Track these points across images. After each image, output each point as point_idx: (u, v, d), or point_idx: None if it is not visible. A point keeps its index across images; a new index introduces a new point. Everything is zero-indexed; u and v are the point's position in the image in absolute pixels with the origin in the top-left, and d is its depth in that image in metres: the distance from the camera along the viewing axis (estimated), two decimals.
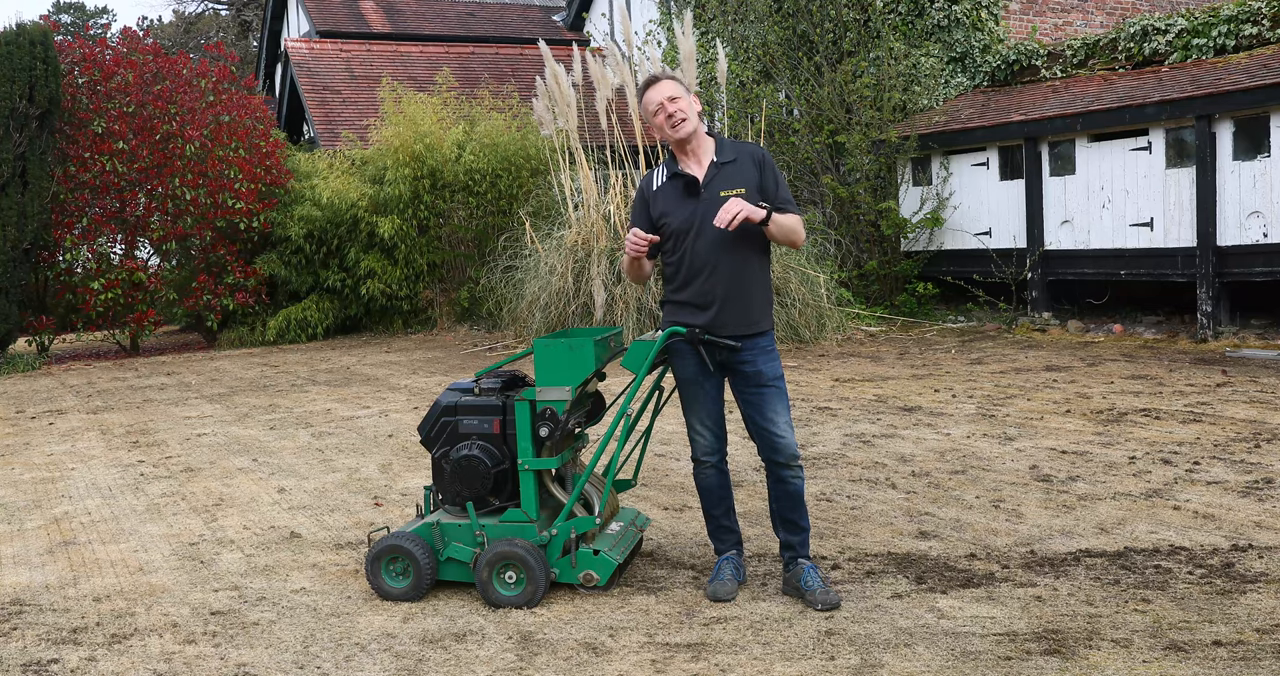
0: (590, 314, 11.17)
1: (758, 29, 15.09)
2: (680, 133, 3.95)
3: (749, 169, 3.98)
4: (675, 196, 4.00)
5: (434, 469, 4.21)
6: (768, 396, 3.95)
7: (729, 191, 3.92)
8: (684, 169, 4.01)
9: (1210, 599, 3.72)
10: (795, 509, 4.01)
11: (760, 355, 3.96)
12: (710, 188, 3.95)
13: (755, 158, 4.02)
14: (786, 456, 3.96)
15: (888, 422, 7.08)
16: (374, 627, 3.83)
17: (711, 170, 3.98)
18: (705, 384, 4.02)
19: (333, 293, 15.31)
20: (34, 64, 13.00)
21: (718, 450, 4.09)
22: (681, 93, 3.97)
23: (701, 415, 4.05)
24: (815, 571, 3.94)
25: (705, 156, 4.01)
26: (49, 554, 4.97)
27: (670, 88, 3.97)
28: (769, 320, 4.04)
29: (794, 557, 4.01)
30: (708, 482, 4.11)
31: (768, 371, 3.95)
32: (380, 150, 14.82)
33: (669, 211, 3.99)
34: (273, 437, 7.71)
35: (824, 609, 3.81)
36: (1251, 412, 6.82)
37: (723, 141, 4.07)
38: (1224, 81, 10.25)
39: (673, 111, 3.93)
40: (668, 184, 4.05)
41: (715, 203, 3.90)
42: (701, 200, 3.94)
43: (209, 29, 37.64)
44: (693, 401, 4.06)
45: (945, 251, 13.01)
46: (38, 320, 14.08)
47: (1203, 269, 10.21)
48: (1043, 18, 14.98)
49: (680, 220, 3.96)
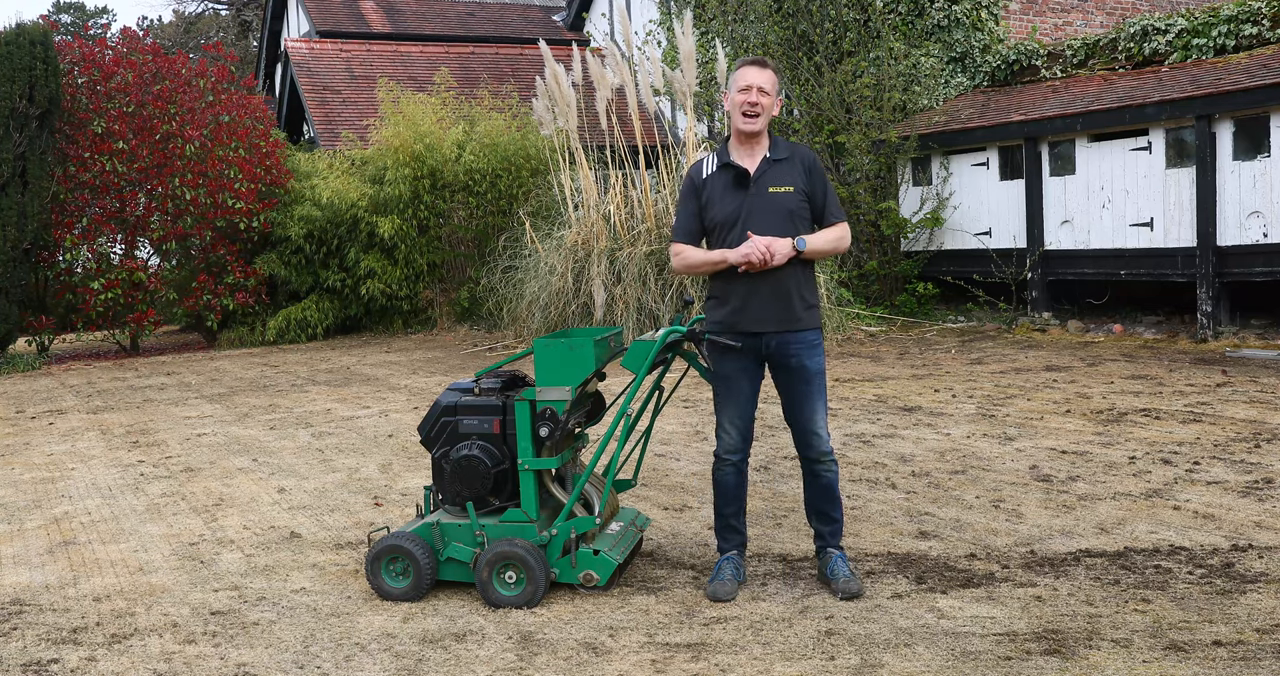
0: (590, 314, 11.18)
1: (758, 29, 15.08)
2: (749, 126, 3.98)
3: (799, 170, 4.01)
4: (724, 187, 4.01)
5: (434, 469, 4.21)
6: (808, 392, 3.99)
7: (778, 187, 3.95)
8: (736, 160, 4.02)
9: (1210, 599, 3.72)
10: (828, 500, 4.09)
11: (805, 349, 3.98)
12: (760, 182, 3.97)
13: (806, 161, 4.05)
14: (818, 452, 4.03)
15: (888, 422, 7.09)
16: (374, 627, 3.83)
17: (763, 165, 3.99)
18: (742, 382, 4.03)
19: (333, 293, 15.31)
20: (34, 64, 13.00)
21: (740, 450, 4.09)
22: (774, 90, 4.01)
23: (732, 413, 4.06)
24: (844, 560, 4.02)
25: (760, 152, 4.03)
26: (49, 554, 4.97)
27: (768, 79, 4.00)
28: (815, 317, 4.04)
29: (824, 546, 4.11)
30: (725, 480, 4.12)
31: (811, 366, 3.99)
32: (380, 150, 14.82)
33: (716, 201, 4.00)
34: (273, 437, 7.71)
35: (843, 597, 3.86)
36: (1251, 412, 6.82)
37: (777, 140, 4.09)
38: (1224, 81, 10.25)
39: (756, 100, 3.96)
40: (717, 173, 4.05)
41: (763, 197, 3.94)
42: (750, 194, 3.96)
43: (209, 29, 37.64)
44: (726, 397, 4.06)
45: (945, 251, 13.01)
46: (38, 320, 14.08)
47: (1203, 269, 10.21)
48: (1043, 18, 14.99)
49: (726, 212, 3.97)
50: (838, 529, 4.11)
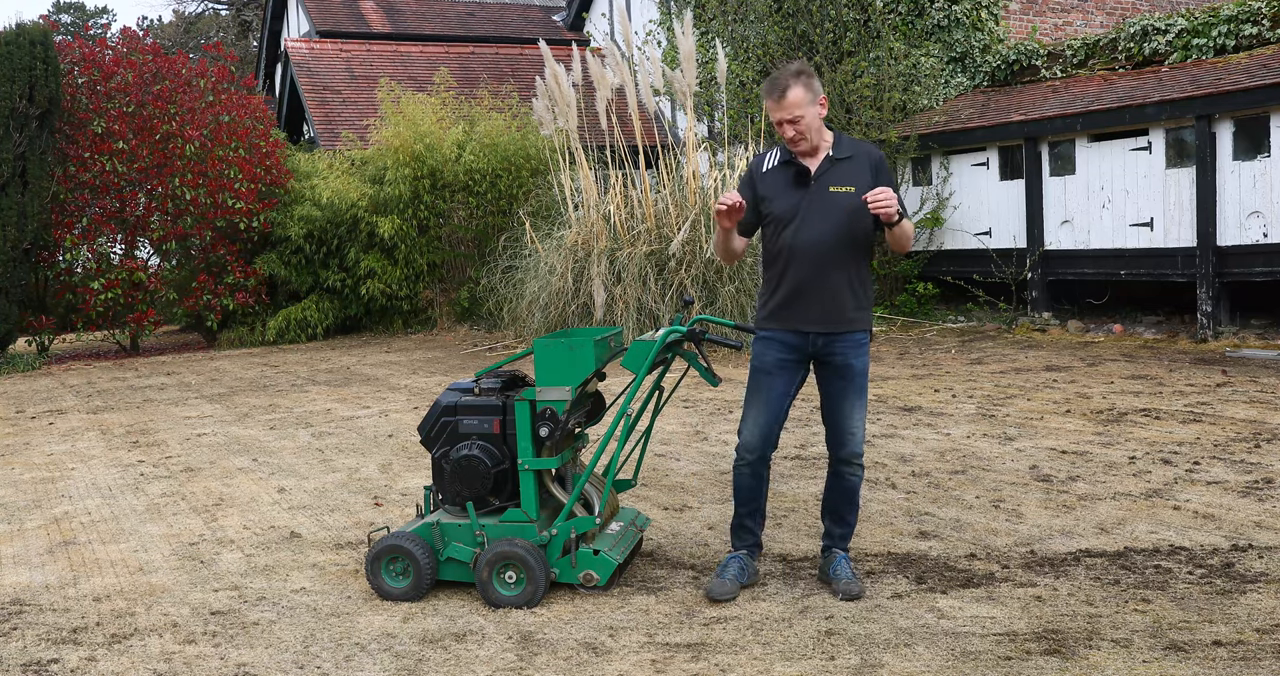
0: (590, 314, 11.17)
1: (758, 29, 15.08)
2: (800, 148, 3.94)
3: (864, 169, 3.96)
4: (784, 183, 3.98)
5: (434, 469, 4.21)
6: (849, 391, 3.96)
7: (839, 187, 3.91)
8: (799, 158, 3.99)
9: (1210, 599, 3.72)
10: (847, 503, 4.09)
11: (851, 348, 3.94)
12: (821, 181, 3.93)
13: (872, 159, 4.00)
14: (849, 453, 4.00)
15: (888, 422, 7.08)
16: (374, 627, 3.82)
17: (825, 164, 3.96)
18: (777, 379, 3.97)
19: (333, 293, 15.31)
20: (34, 64, 13.00)
21: (758, 449, 4.01)
22: (804, 105, 3.87)
23: (759, 409, 3.99)
24: (848, 562, 4.01)
25: (822, 150, 3.99)
26: (49, 554, 4.97)
27: (794, 105, 3.87)
28: (865, 319, 3.99)
29: (829, 547, 4.11)
30: (740, 481, 4.10)
31: (857, 366, 3.95)
32: (380, 150, 14.82)
33: (774, 197, 3.97)
34: (273, 437, 7.71)
35: (844, 598, 3.86)
36: (1251, 412, 6.82)
37: (841, 137, 4.04)
38: (1224, 81, 10.25)
39: (792, 134, 3.90)
40: (778, 169, 4.02)
41: (823, 196, 3.90)
42: (810, 191, 3.93)
43: (209, 29, 37.64)
44: (756, 392, 4.01)
45: (945, 251, 13.01)
46: (38, 320, 14.08)
47: (1203, 269, 10.21)
48: (1043, 18, 14.99)
49: (784, 208, 3.94)
50: (849, 532, 4.11)
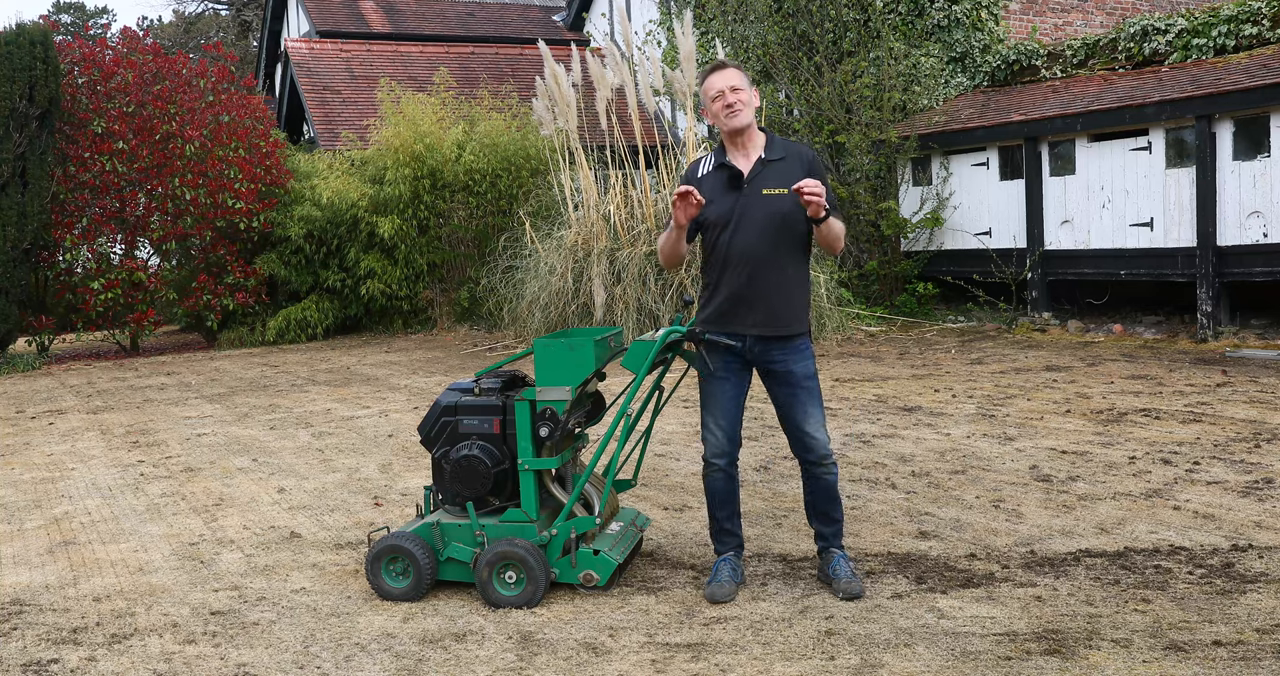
0: (590, 314, 11.18)
1: (758, 29, 15.09)
2: (735, 122, 3.95)
3: (796, 170, 3.96)
4: (718, 187, 3.99)
5: (434, 469, 4.21)
6: (799, 396, 3.97)
7: (772, 190, 3.92)
8: (732, 161, 4.01)
9: (1210, 599, 3.72)
10: (829, 502, 4.08)
11: (792, 355, 3.96)
12: (754, 183, 3.94)
13: (805, 159, 4.01)
14: (818, 455, 4.00)
15: (888, 422, 7.08)
16: (374, 627, 3.82)
17: (758, 166, 3.97)
18: (726, 383, 4.01)
19: (333, 293, 15.32)
20: (34, 64, 13.00)
21: (728, 453, 4.06)
22: (744, 84, 3.98)
23: (716, 414, 4.04)
24: (846, 560, 4.02)
25: (754, 152, 4.00)
26: (49, 554, 4.97)
27: (734, 77, 3.98)
28: (803, 322, 4.01)
29: (826, 547, 4.11)
30: (714, 485, 4.11)
31: (799, 371, 3.96)
32: (380, 150, 14.82)
33: (710, 201, 3.98)
34: (273, 437, 7.71)
35: (844, 597, 3.86)
36: (1251, 412, 6.82)
37: (774, 138, 4.05)
38: (1224, 81, 10.25)
39: (732, 100, 3.94)
40: (713, 173, 4.03)
41: (757, 199, 3.91)
42: (743, 194, 3.94)
43: (209, 29, 37.64)
44: (710, 399, 4.05)
45: (945, 251, 13.01)
46: (38, 320, 14.09)
47: (1203, 269, 10.21)
48: (1043, 18, 14.98)
49: (719, 212, 3.95)
50: (839, 529, 4.11)
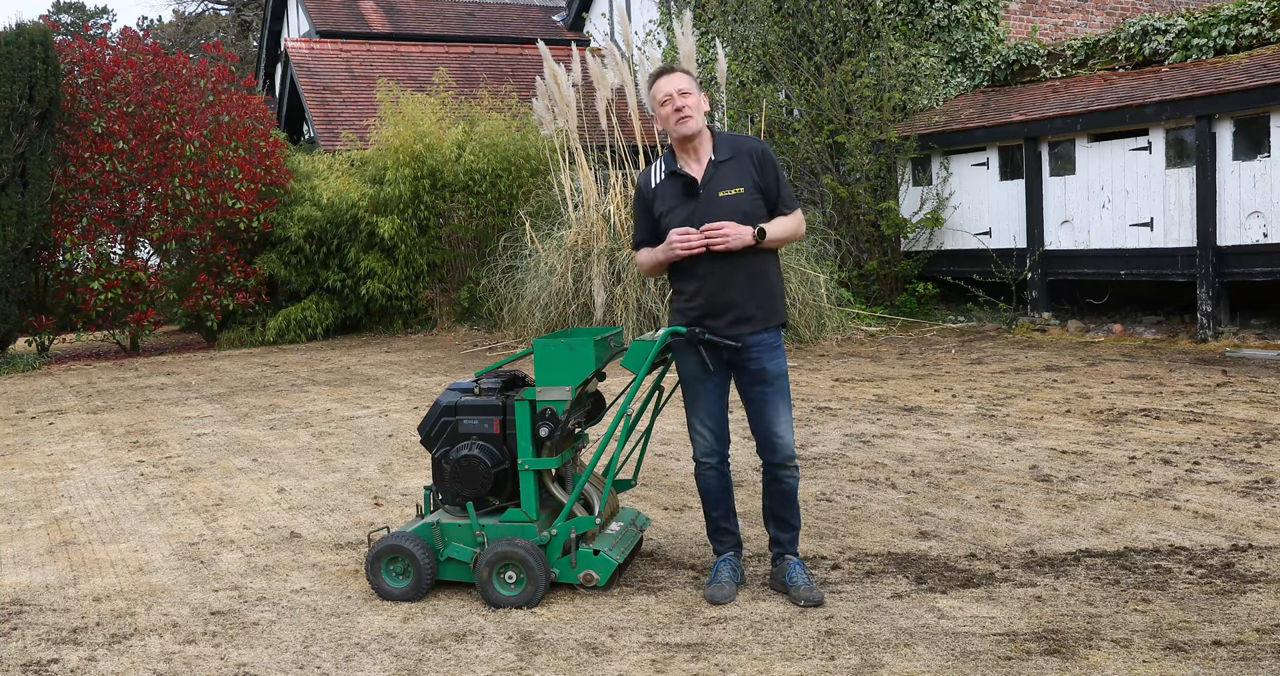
0: (590, 314, 11.17)
1: (758, 29, 15.09)
2: (684, 129, 3.90)
3: (747, 167, 3.93)
4: (674, 195, 3.97)
5: (434, 469, 4.21)
6: (769, 395, 3.93)
7: (727, 192, 3.89)
8: (683, 167, 3.97)
9: (1210, 599, 3.72)
10: (787, 506, 4.03)
11: (764, 352, 3.93)
12: (708, 188, 3.91)
13: (755, 154, 3.95)
14: (783, 457, 3.96)
15: (888, 422, 7.08)
16: (374, 627, 3.83)
17: (709, 170, 3.93)
18: (707, 383, 3.99)
19: (333, 293, 15.32)
20: (34, 64, 13.00)
21: (718, 451, 4.06)
22: (693, 88, 3.93)
23: (702, 415, 4.03)
24: (802, 568, 3.96)
25: (704, 154, 3.96)
26: (49, 554, 4.97)
27: (682, 80, 3.93)
28: (776, 317, 3.97)
29: (781, 553, 4.05)
30: (706, 484, 4.10)
31: (771, 369, 3.92)
32: (380, 150, 14.82)
33: (667, 211, 3.97)
34: (273, 437, 7.71)
35: (807, 605, 3.82)
36: (1251, 412, 6.82)
37: (720, 137, 4.00)
38: (1224, 81, 10.25)
39: (681, 105, 3.89)
40: (666, 182, 4.01)
41: (712, 203, 3.88)
42: (700, 200, 3.91)
43: (209, 29, 37.63)
44: (694, 400, 4.04)
45: (945, 251, 13.01)
46: (38, 320, 14.09)
47: (1203, 269, 10.21)
48: (1043, 18, 14.98)
49: (678, 221, 3.93)
50: (795, 536, 4.06)
